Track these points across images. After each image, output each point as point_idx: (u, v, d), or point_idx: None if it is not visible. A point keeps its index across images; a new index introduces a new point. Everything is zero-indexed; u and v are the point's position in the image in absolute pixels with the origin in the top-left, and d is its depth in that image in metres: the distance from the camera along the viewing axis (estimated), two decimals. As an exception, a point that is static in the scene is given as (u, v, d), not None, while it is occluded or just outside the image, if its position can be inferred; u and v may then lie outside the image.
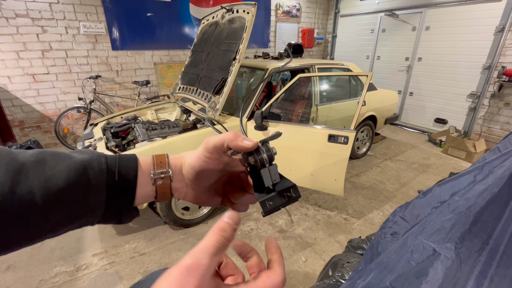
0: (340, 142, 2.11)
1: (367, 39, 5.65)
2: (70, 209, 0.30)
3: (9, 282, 1.82)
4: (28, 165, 0.29)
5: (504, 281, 0.48)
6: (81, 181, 0.31)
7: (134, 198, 0.35)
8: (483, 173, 0.73)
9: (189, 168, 0.37)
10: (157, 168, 0.36)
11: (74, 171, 0.31)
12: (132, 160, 0.36)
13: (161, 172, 0.36)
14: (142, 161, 0.37)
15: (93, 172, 0.32)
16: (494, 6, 3.69)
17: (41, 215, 0.28)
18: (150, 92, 4.58)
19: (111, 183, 0.33)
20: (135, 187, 0.35)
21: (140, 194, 0.36)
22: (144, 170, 0.36)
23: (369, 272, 0.74)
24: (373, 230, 2.32)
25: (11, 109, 3.64)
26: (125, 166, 0.35)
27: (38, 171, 0.29)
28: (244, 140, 0.33)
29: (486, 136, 4.02)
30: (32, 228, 0.28)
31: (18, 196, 0.27)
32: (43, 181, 0.28)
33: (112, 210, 0.34)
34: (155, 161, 0.37)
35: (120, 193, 0.34)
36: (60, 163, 0.31)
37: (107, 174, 0.33)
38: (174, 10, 4.38)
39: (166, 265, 1.96)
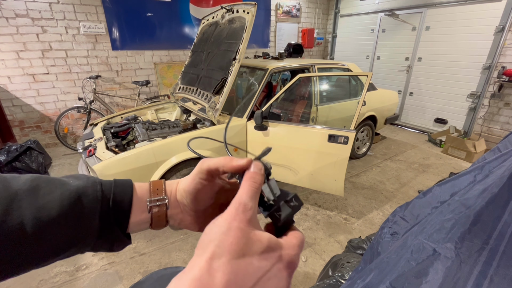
0: (340, 142, 2.11)
1: (367, 39, 5.65)
2: (61, 239, 0.30)
3: (9, 282, 1.81)
4: (20, 193, 0.28)
5: (504, 281, 0.48)
6: (74, 210, 0.30)
7: (127, 226, 0.35)
8: (483, 173, 0.73)
9: (183, 192, 0.36)
10: (153, 196, 0.36)
11: (68, 199, 0.30)
12: (128, 187, 0.35)
13: (157, 200, 0.36)
14: (138, 187, 0.36)
15: (87, 201, 0.31)
16: (494, 6, 3.69)
17: (30, 247, 0.28)
18: (150, 92, 4.58)
19: (104, 211, 0.32)
20: (129, 215, 0.34)
21: (134, 222, 0.35)
22: (140, 196, 0.36)
23: (369, 272, 0.74)
24: (373, 230, 2.32)
25: (11, 109, 3.64)
26: (120, 193, 0.34)
27: (31, 200, 0.28)
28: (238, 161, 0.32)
29: (486, 136, 4.02)
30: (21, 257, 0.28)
31: (8, 227, 0.26)
32: (35, 211, 0.28)
33: (103, 239, 0.33)
34: (152, 188, 0.37)
35: (113, 221, 0.33)
36: (54, 191, 0.30)
37: (102, 202, 0.32)
38: (174, 10, 4.38)
39: (166, 265, 1.96)
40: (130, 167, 1.87)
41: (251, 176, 0.28)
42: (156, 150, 1.96)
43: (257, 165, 0.29)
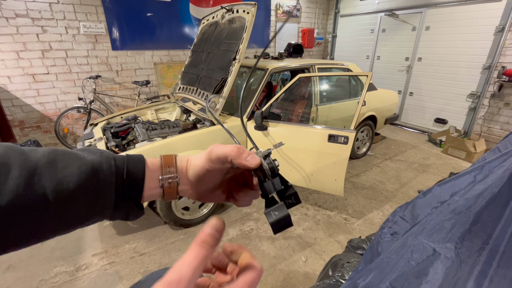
0: (340, 142, 2.11)
1: (367, 39, 5.65)
2: (81, 210, 0.31)
3: (9, 282, 1.82)
4: (40, 166, 0.29)
5: (504, 281, 0.48)
6: (91, 184, 0.32)
7: (141, 199, 0.36)
8: (483, 173, 0.73)
9: (193, 173, 0.38)
10: (165, 173, 0.37)
11: (85, 174, 0.31)
12: (140, 162, 0.37)
13: (169, 177, 0.37)
14: (150, 162, 0.38)
15: (103, 175, 0.33)
16: (494, 6, 3.69)
17: (54, 215, 0.29)
18: (150, 92, 4.58)
19: (119, 185, 0.34)
20: (142, 189, 0.36)
21: (147, 195, 0.37)
22: (152, 172, 0.37)
23: (369, 272, 0.74)
24: (373, 230, 2.32)
25: (11, 109, 3.64)
26: (133, 168, 0.36)
27: (51, 173, 0.30)
28: (247, 158, 0.34)
29: (486, 136, 4.02)
30: (45, 226, 0.30)
31: (33, 197, 0.28)
32: (55, 183, 0.29)
33: (120, 210, 0.35)
34: (163, 164, 0.38)
35: (127, 194, 0.35)
36: (71, 165, 0.31)
37: (116, 176, 0.34)
38: (174, 10, 4.38)
39: (166, 265, 1.96)
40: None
41: (204, 240, 0.25)
42: (156, 150, 1.96)
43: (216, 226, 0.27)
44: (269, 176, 0.35)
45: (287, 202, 0.35)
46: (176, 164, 0.39)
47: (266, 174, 0.35)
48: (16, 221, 0.27)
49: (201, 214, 2.38)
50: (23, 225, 0.28)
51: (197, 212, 2.38)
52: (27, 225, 0.28)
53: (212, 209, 2.43)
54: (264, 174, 0.35)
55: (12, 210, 0.26)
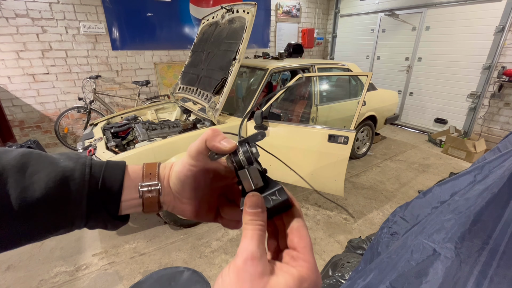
0: (340, 142, 2.11)
1: (367, 39, 5.65)
2: (48, 219, 0.30)
3: (9, 282, 1.82)
4: (8, 169, 0.28)
5: (504, 281, 0.48)
6: (59, 193, 0.30)
7: (118, 210, 0.34)
8: (483, 173, 0.73)
9: (174, 179, 0.34)
10: (145, 180, 0.34)
11: (53, 182, 0.29)
12: (119, 169, 0.34)
13: (149, 185, 0.34)
14: (131, 170, 0.35)
15: (74, 184, 0.31)
16: (494, 6, 3.69)
17: (18, 224, 0.28)
18: (150, 92, 4.58)
19: (92, 195, 0.32)
20: (119, 199, 0.33)
21: (126, 205, 0.34)
22: (132, 179, 0.34)
23: (369, 272, 0.74)
24: (373, 230, 2.32)
25: (11, 109, 3.64)
26: (110, 176, 0.33)
27: (17, 178, 0.28)
28: (221, 140, 0.30)
29: (486, 136, 4.02)
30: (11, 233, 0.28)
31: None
32: (19, 190, 0.28)
33: (94, 221, 0.33)
34: (145, 172, 0.35)
35: (101, 205, 0.32)
36: (41, 170, 0.30)
37: (89, 185, 0.32)
38: (174, 10, 4.38)
39: (166, 265, 1.96)
40: (130, 167, 1.87)
41: (252, 219, 0.25)
42: (156, 150, 1.96)
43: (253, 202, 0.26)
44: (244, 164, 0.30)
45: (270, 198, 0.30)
46: (158, 172, 0.35)
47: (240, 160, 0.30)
48: None
49: (201, 214, 2.38)
50: None
51: (197, 212, 2.37)
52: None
53: (212, 209, 2.42)
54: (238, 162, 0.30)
55: None
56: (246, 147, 0.31)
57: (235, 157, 0.31)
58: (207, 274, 1.88)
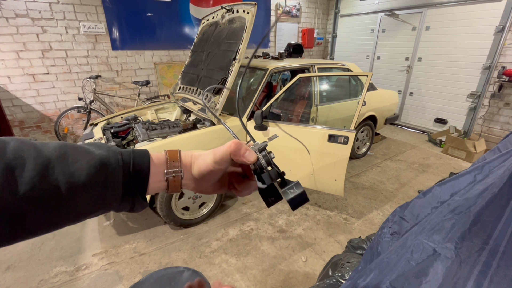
0: (340, 142, 2.11)
1: (367, 39, 5.65)
2: (91, 201, 0.33)
3: (9, 282, 1.82)
4: (53, 159, 0.31)
5: (504, 281, 0.48)
6: (100, 177, 0.33)
7: (146, 191, 0.38)
8: (483, 173, 0.73)
9: (197, 171, 0.40)
10: (170, 167, 0.39)
11: (94, 167, 0.33)
12: (145, 156, 0.38)
13: (173, 172, 0.39)
14: (155, 157, 0.39)
15: (111, 168, 0.34)
16: (494, 6, 3.69)
17: (65, 206, 0.31)
18: (150, 92, 4.58)
19: (126, 178, 0.36)
20: (147, 182, 0.38)
21: (152, 188, 0.39)
22: (157, 166, 0.39)
23: (369, 272, 0.74)
24: (373, 230, 2.32)
25: (11, 109, 3.64)
26: (139, 162, 0.37)
27: (63, 166, 0.31)
28: (245, 154, 0.37)
29: (486, 136, 4.02)
30: (58, 216, 0.31)
31: (47, 188, 0.29)
32: (67, 176, 0.31)
33: (126, 202, 0.37)
34: (168, 159, 0.40)
35: (134, 187, 0.37)
36: (81, 159, 0.33)
37: (123, 170, 0.36)
38: (174, 10, 4.38)
39: (166, 265, 1.96)
40: (130, 167, 1.86)
41: None
42: (156, 150, 1.95)
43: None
44: (265, 168, 0.37)
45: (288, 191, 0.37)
46: (180, 159, 0.40)
47: (263, 166, 0.37)
48: (32, 210, 0.29)
49: (201, 214, 2.38)
50: (38, 214, 0.29)
51: (197, 212, 2.38)
52: (42, 215, 0.30)
53: (212, 209, 2.43)
54: (260, 166, 0.37)
55: (28, 201, 0.28)
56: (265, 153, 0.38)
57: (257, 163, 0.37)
58: (207, 274, 1.88)
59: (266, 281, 1.83)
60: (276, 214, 2.52)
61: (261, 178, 0.37)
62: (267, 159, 0.37)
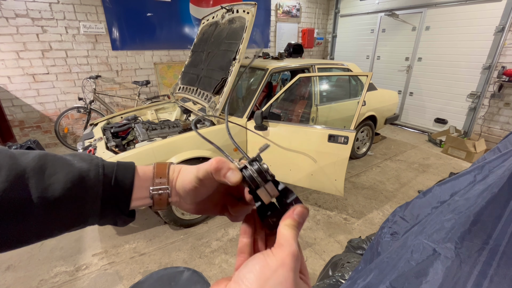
0: (340, 142, 2.11)
1: (367, 39, 5.65)
2: (66, 216, 0.32)
3: (9, 282, 1.82)
4: (29, 171, 0.30)
5: (504, 281, 0.48)
6: (77, 192, 0.32)
7: (128, 207, 0.36)
8: (483, 173, 0.73)
9: (180, 185, 0.37)
10: (156, 184, 0.36)
11: (71, 181, 0.31)
12: (130, 171, 0.36)
13: (159, 189, 0.36)
14: (141, 171, 0.37)
15: (90, 183, 0.33)
16: (494, 6, 3.69)
17: (38, 220, 0.29)
18: (150, 92, 4.58)
19: (106, 193, 0.34)
20: (130, 198, 0.35)
21: (136, 204, 0.36)
22: (142, 181, 0.36)
23: (369, 272, 0.74)
24: (373, 230, 2.32)
25: (11, 109, 3.64)
26: (121, 176, 0.35)
27: (38, 178, 0.30)
28: (227, 174, 0.32)
29: (486, 136, 4.02)
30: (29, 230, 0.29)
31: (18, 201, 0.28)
32: (41, 189, 0.29)
33: (106, 218, 0.35)
34: (155, 174, 0.37)
35: (114, 203, 0.35)
36: (59, 171, 0.31)
37: (103, 185, 0.34)
38: (174, 10, 4.38)
39: (166, 265, 1.96)
40: (130, 167, 1.86)
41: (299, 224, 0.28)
42: (156, 150, 1.96)
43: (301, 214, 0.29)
44: (260, 184, 0.31)
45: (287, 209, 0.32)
46: (168, 174, 0.37)
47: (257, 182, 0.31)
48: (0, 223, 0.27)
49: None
50: (7, 229, 0.28)
51: (197, 212, 2.37)
52: (11, 230, 0.28)
53: (212, 209, 2.43)
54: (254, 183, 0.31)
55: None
56: (257, 165, 0.32)
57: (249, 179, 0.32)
58: (207, 274, 1.88)
59: (266, 281, 1.83)
60: (276, 214, 2.52)
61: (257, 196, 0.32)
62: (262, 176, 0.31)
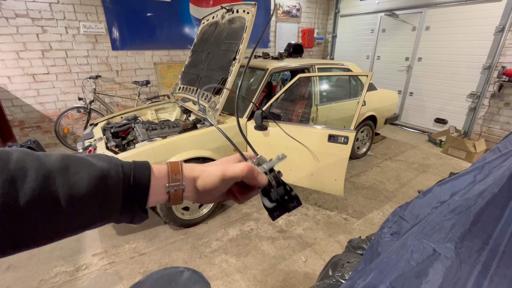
0: (340, 142, 2.11)
1: (367, 39, 5.65)
2: (90, 213, 0.33)
3: (9, 282, 1.82)
4: (54, 171, 0.31)
5: (504, 281, 0.48)
6: (100, 189, 0.33)
7: (146, 204, 0.38)
8: (483, 173, 0.73)
9: (202, 185, 0.41)
10: (171, 181, 0.39)
11: (95, 179, 0.33)
12: (146, 169, 0.39)
13: (175, 185, 0.39)
14: (156, 169, 0.40)
15: (112, 181, 0.35)
16: (494, 6, 3.69)
17: (65, 217, 0.31)
18: (150, 92, 4.58)
19: (126, 190, 0.36)
20: (147, 195, 0.38)
21: (153, 200, 0.39)
22: (158, 179, 0.39)
23: (369, 272, 0.74)
24: (373, 230, 2.32)
25: (11, 109, 3.64)
26: (139, 174, 0.37)
27: (63, 178, 0.31)
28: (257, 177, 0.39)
29: (486, 136, 4.02)
30: (56, 228, 0.31)
31: (47, 200, 0.30)
32: (67, 188, 0.31)
33: (125, 214, 0.37)
34: (170, 173, 0.40)
35: (133, 199, 0.37)
36: (82, 170, 0.33)
37: (124, 182, 0.36)
38: (174, 10, 4.38)
39: (166, 265, 1.96)
40: (130, 167, 1.86)
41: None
42: (156, 150, 1.96)
43: None
44: (274, 187, 0.40)
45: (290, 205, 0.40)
46: (182, 172, 0.41)
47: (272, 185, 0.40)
48: (31, 222, 0.29)
49: (201, 214, 2.38)
50: (37, 226, 0.29)
51: (197, 212, 2.38)
52: (40, 226, 0.30)
53: (212, 209, 2.43)
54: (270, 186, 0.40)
55: (27, 212, 0.28)
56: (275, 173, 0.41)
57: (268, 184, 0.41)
58: (207, 274, 1.88)
59: (266, 281, 1.83)
60: (276, 214, 2.52)
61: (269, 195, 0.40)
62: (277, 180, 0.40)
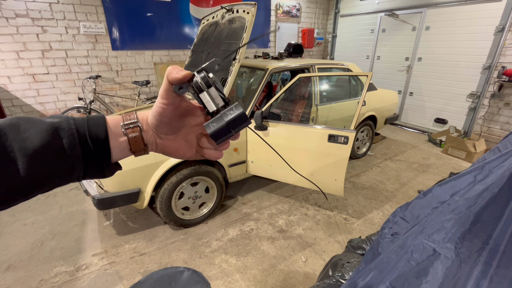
0: (340, 142, 2.11)
1: (367, 39, 5.65)
2: (48, 167, 0.33)
3: (9, 282, 1.82)
4: (4, 128, 0.31)
5: (504, 281, 0.48)
6: (53, 141, 0.33)
7: (109, 152, 0.38)
8: (483, 173, 0.73)
9: (151, 117, 0.39)
10: (125, 120, 0.39)
11: (46, 132, 0.33)
12: (100, 118, 0.38)
13: (130, 123, 0.39)
14: (110, 118, 0.40)
15: (64, 132, 0.34)
16: (494, 6, 3.69)
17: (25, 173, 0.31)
18: (150, 92, 4.58)
19: (83, 140, 0.35)
20: (107, 141, 0.37)
21: (115, 147, 0.38)
22: (115, 125, 0.39)
23: (369, 272, 0.74)
24: (373, 230, 2.32)
25: (11, 109, 3.64)
26: (94, 124, 0.37)
27: (14, 134, 0.32)
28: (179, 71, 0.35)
29: (486, 136, 4.02)
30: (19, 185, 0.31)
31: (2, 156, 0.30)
32: (20, 143, 0.31)
33: (91, 167, 0.37)
34: (124, 115, 0.40)
35: (94, 148, 0.36)
36: (32, 127, 0.33)
37: (78, 132, 0.35)
38: (174, 10, 4.38)
39: (166, 265, 1.96)
40: (130, 167, 1.87)
41: None
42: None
43: None
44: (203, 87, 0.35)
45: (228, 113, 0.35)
46: (136, 114, 0.40)
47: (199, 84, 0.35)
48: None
49: (201, 214, 2.38)
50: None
51: (197, 212, 2.38)
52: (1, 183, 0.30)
53: (212, 209, 2.43)
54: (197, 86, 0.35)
55: None
56: (204, 73, 0.35)
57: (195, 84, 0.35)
58: (207, 274, 1.88)
59: (266, 281, 1.83)
60: (276, 214, 2.52)
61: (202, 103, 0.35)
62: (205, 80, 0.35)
